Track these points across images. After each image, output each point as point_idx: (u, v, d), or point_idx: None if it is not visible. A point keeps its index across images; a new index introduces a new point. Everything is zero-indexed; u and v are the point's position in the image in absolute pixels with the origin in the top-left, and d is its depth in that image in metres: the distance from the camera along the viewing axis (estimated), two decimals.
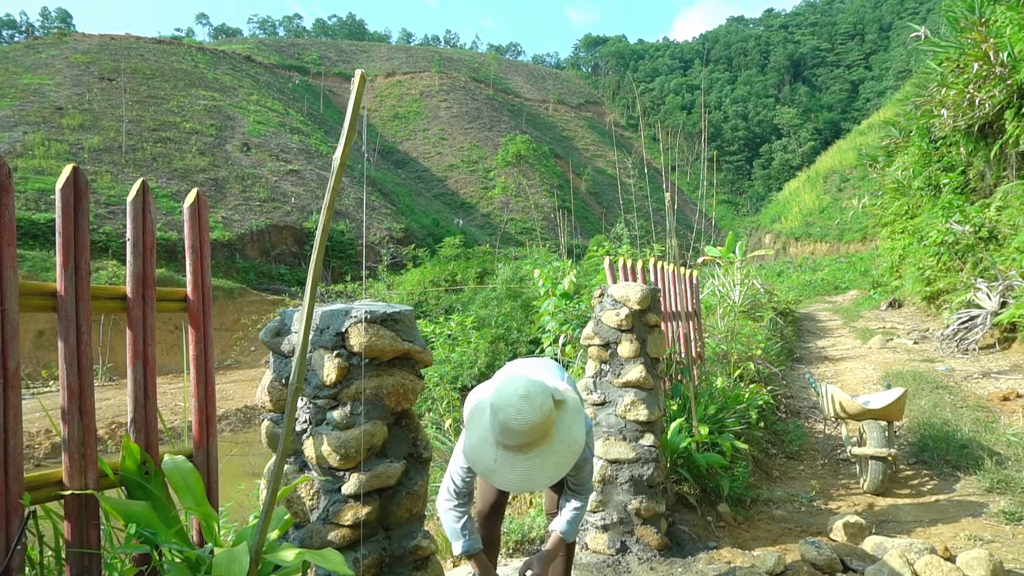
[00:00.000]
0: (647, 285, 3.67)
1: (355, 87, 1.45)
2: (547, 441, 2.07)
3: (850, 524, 3.74)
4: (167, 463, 1.70)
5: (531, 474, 2.04)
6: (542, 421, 2.02)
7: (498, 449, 2.07)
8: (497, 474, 2.07)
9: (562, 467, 2.08)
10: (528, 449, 2.04)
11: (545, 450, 2.06)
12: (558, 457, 2.07)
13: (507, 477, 2.07)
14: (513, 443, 2.03)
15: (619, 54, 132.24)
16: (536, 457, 2.05)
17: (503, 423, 2.01)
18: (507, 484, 2.10)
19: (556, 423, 2.10)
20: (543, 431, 2.04)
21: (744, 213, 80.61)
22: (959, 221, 11.02)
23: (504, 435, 2.03)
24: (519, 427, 1.99)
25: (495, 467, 2.07)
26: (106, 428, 11.60)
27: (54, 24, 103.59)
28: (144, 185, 1.71)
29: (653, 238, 11.65)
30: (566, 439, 2.10)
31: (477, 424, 2.17)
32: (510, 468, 2.05)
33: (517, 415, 2.00)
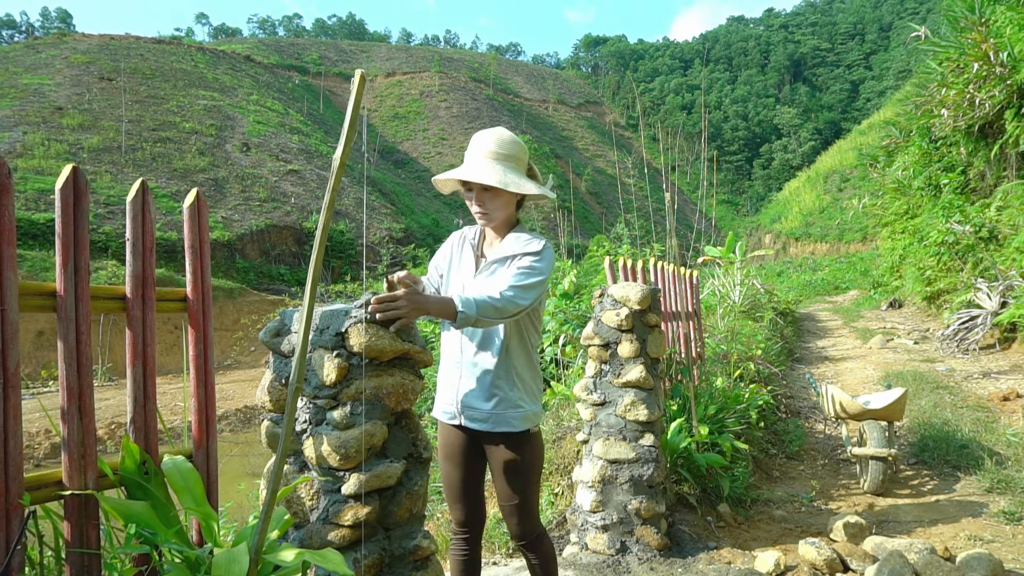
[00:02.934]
0: (647, 285, 3.67)
1: (355, 87, 1.45)
2: (518, 167, 2.23)
3: (850, 524, 3.74)
4: (167, 463, 1.70)
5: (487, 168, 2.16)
6: (511, 142, 2.21)
7: (470, 160, 2.23)
8: (463, 170, 2.20)
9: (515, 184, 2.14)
10: (499, 159, 2.18)
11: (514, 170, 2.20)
12: (515, 177, 2.18)
13: (472, 169, 2.18)
14: (487, 147, 2.19)
15: (619, 54, 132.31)
16: (504, 166, 2.18)
17: (479, 136, 2.25)
18: (461, 171, 2.20)
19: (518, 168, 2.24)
20: (515, 152, 2.21)
21: (744, 213, 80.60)
22: (959, 221, 11.02)
23: (478, 142, 2.23)
24: (490, 135, 2.21)
25: (463, 169, 2.20)
26: (106, 428, 11.60)
27: (54, 24, 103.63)
28: (144, 185, 1.71)
29: (653, 238, 11.65)
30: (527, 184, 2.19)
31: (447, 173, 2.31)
32: (478, 165, 2.18)
33: (495, 129, 2.24)
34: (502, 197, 2.20)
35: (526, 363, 2.26)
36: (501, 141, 2.19)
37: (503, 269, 2.20)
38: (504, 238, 2.27)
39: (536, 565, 2.35)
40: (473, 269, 2.28)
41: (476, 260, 2.31)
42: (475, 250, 2.32)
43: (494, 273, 2.21)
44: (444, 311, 1.96)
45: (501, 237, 2.29)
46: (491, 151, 2.19)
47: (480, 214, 2.23)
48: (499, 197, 2.19)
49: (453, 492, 2.37)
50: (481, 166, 2.17)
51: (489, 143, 2.20)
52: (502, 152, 2.19)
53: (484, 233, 2.36)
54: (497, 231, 2.30)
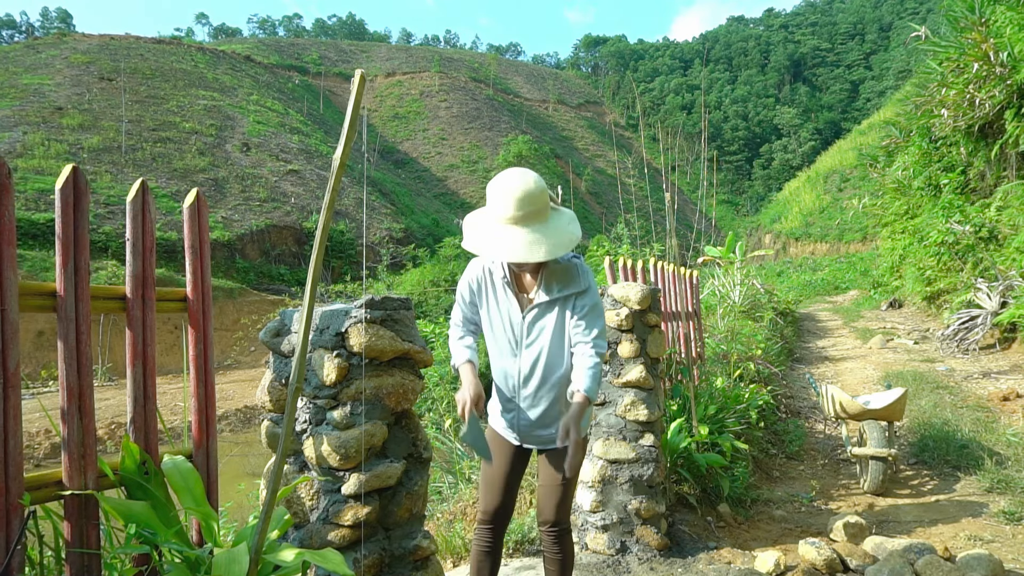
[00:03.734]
0: (647, 285, 3.67)
1: (355, 87, 1.45)
2: (544, 219, 2.11)
3: (850, 524, 3.74)
4: (167, 463, 1.70)
5: (532, 245, 2.06)
6: (538, 193, 2.07)
7: (496, 225, 2.11)
8: (496, 246, 2.08)
9: (561, 247, 2.09)
10: (526, 222, 2.07)
11: (543, 226, 2.10)
12: (558, 237, 2.10)
13: (506, 245, 2.07)
14: (511, 213, 2.07)
15: (619, 54, 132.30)
16: (535, 231, 2.08)
17: (505, 187, 2.07)
18: (507, 250, 2.07)
19: (552, 211, 2.16)
20: (540, 205, 2.09)
21: (744, 213, 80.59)
22: (959, 221, 11.02)
23: (504, 203, 2.07)
24: (517, 193, 2.05)
25: (492, 241, 2.10)
26: (106, 428, 11.60)
27: (54, 24, 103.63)
28: (144, 185, 1.71)
29: (653, 238, 11.65)
30: (565, 228, 2.14)
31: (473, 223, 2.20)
32: (510, 239, 2.07)
33: (518, 179, 2.08)
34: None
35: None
36: (529, 196, 2.07)
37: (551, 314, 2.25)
38: (539, 272, 2.27)
39: (559, 559, 2.35)
40: (519, 309, 2.29)
41: (519, 298, 2.30)
42: (512, 287, 2.29)
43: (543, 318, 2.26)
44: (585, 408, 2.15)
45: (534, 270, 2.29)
46: (524, 214, 2.07)
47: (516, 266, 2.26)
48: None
49: (493, 483, 2.38)
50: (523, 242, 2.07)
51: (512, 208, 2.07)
52: (534, 208, 2.08)
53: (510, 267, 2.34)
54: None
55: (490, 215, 2.14)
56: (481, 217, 2.20)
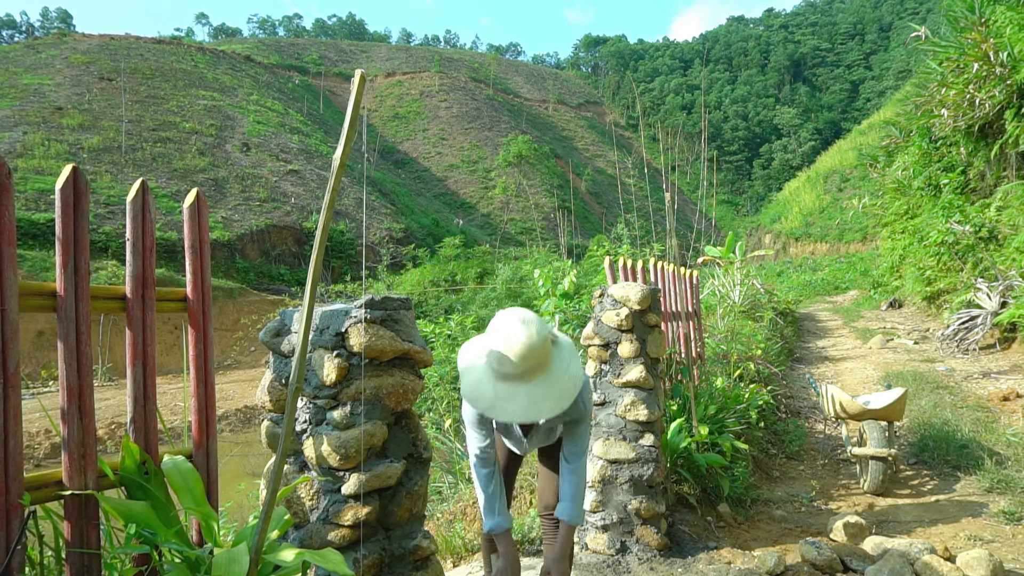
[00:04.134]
0: (647, 285, 3.66)
1: (355, 87, 1.45)
2: (546, 370, 2.05)
3: (850, 524, 3.74)
4: (167, 463, 1.70)
5: (535, 404, 2.02)
6: (540, 345, 2.00)
7: (497, 383, 2.04)
8: (498, 407, 2.04)
9: (564, 399, 2.06)
10: (528, 377, 2.02)
11: (546, 379, 2.04)
12: (560, 389, 2.05)
13: (508, 408, 2.03)
14: (512, 371, 2.00)
15: (619, 54, 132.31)
16: (538, 388, 2.02)
17: (503, 348, 1.99)
18: (509, 414, 2.05)
19: (553, 355, 2.10)
20: (541, 357, 2.02)
21: (744, 213, 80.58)
22: (959, 221, 11.02)
23: (502, 363, 2.00)
24: (518, 350, 1.97)
25: (496, 401, 2.04)
26: (106, 428, 11.60)
27: (54, 24, 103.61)
28: (144, 185, 1.71)
29: (653, 238, 11.65)
30: (566, 371, 2.09)
31: (472, 364, 2.14)
32: (512, 398, 2.03)
33: (516, 336, 1.99)
34: None
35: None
36: (531, 352, 1.99)
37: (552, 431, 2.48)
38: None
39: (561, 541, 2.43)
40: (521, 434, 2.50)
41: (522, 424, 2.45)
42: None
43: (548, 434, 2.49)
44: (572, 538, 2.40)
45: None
46: (525, 370, 2.02)
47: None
48: None
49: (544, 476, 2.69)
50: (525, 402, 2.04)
51: (511, 367, 2.00)
52: (535, 363, 2.02)
53: None
54: None
55: (489, 364, 2.07)
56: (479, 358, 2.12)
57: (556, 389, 2.05)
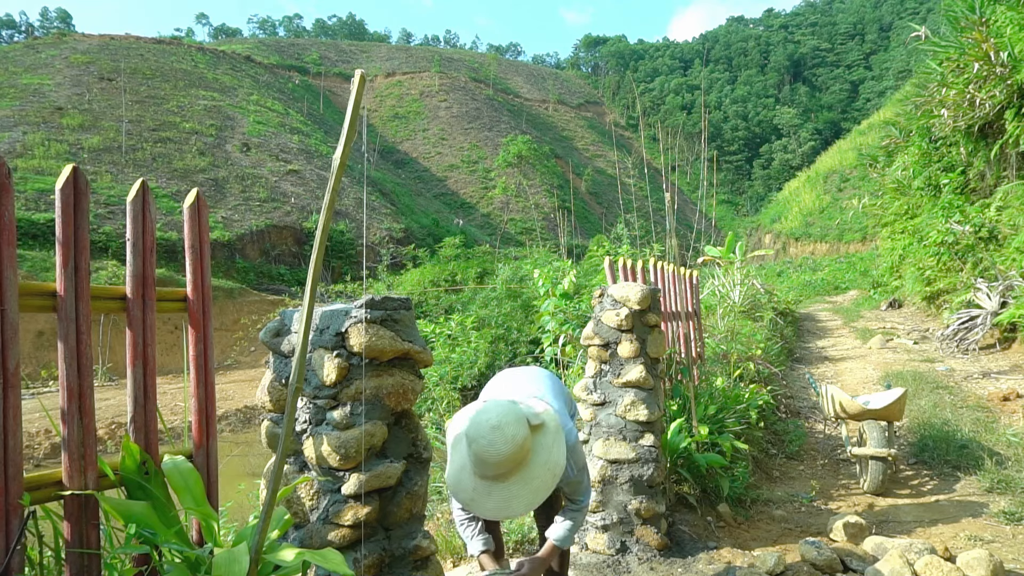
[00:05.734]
0: (647, 285, 3.67)
1: (355, 87, 1.45)
2: (523, 468, 2.07)
3: (850, 524, 3.74)
4: (167, 463, 1.70)
5: (508, 503, 2.05)
6: (514, 452, 2.02)
7: (475, 478, 2.09)
8: (476, 503, 2.09)
9: (541, 492, 2.08)
10: (503, 479, 2.05)
11: (523, 476, 2.06)
12: (536, 483, 2.07)
13: (485, 506, 2.08)
14: (488, 473, 2.04)
15: (619, 54, 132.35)
16: (513, 485, 2.05)
17: (476, 455, 2.03)
18: (485, 512, 2.11)
19: (533, 449, 2.10)
20: (517, 460, 2.05)
21: (744, 213, 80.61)
22: (959, 221, 11.01)
23: (478, 466, 2.05)
24: (491, 459, 2.01)
25: (473, 496, 2.09)
26: (106, 428, 11.59)
27: (54, 24, 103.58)
28: (144, 185, 1.71)
29: (653, 238, 11.66)
30: (546, 463, 2.09)
31: (456, 453, 2.20)
32: (487, 497, 2.07)
33: (488, 447, 2.01)
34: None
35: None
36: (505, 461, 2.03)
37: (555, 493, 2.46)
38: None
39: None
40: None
41: None
42: None
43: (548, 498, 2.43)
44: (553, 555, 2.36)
45: None
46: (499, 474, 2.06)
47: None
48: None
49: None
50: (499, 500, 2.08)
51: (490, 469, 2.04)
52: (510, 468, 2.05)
53: None
54: None
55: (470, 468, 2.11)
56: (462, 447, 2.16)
57: (533, 484, 2.07)
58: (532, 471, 2.08)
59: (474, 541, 2.40)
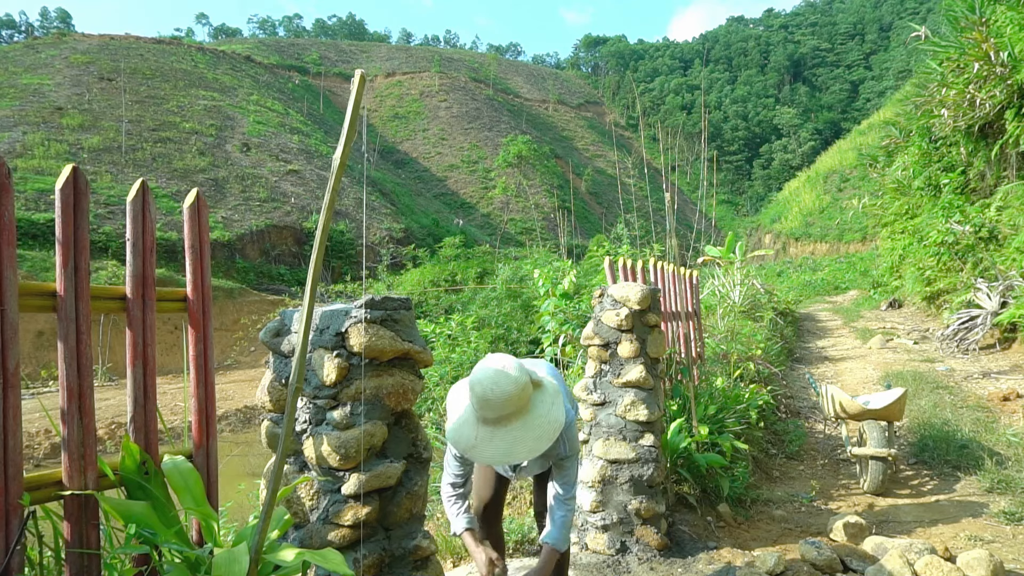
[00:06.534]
0: (647, 285, 3.66)
1: (355, 87, 1.45)
2: (524, 414, 2.12)
3: (850, 524, 3.74)
4: (167, 463, 1.70)
5: (511, 447, 2.10)
6: (517, 393, 2.08)
7: (478, 425, 2.13)
8: (478, 449, 2.13)
9: (542, 441, 2.12)
10: (506, 422, 2.10)
11: (524, 423, 2.11)
12: (537, 431, 2.12)
13: (487, 452, 2.12)
14: (491, 415, 2.09)
15: (619, 54, 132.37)
16: (516, 430, 2.10)
17: (480, 395, 2.08)
18: (487, 457, 2.14)
19: (533, 400, 2.17)
20: (519, 404, 2.10)
21: (744, 213, 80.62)
22: (959, 221, 11.01)
23: (482, 407, 2.09)
24: (495, 396, 2.06)
25: (476, 443, 2.13)
26: (106, 428, 11.59)
27: (54, 24, 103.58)
28: (144, 185, 1.71)
29: (653, 238, 11.66)
30: (546, 416, 2.15)
31: (457, 405, 2.26)
32: (489, 442, 2.11)
33: (493, 386, 2.07)
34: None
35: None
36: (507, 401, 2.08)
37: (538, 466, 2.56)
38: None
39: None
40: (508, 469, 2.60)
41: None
42: None
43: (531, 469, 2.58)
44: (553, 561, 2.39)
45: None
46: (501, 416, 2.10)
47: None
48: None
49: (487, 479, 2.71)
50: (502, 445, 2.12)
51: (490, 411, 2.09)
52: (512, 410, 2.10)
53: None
54: None
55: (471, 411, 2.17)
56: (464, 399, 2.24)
57: (534, 432, 2.11)
58: (533, 420, 2.13)
59: (459, 519, 2.41)
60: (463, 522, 2.40)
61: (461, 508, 2.44)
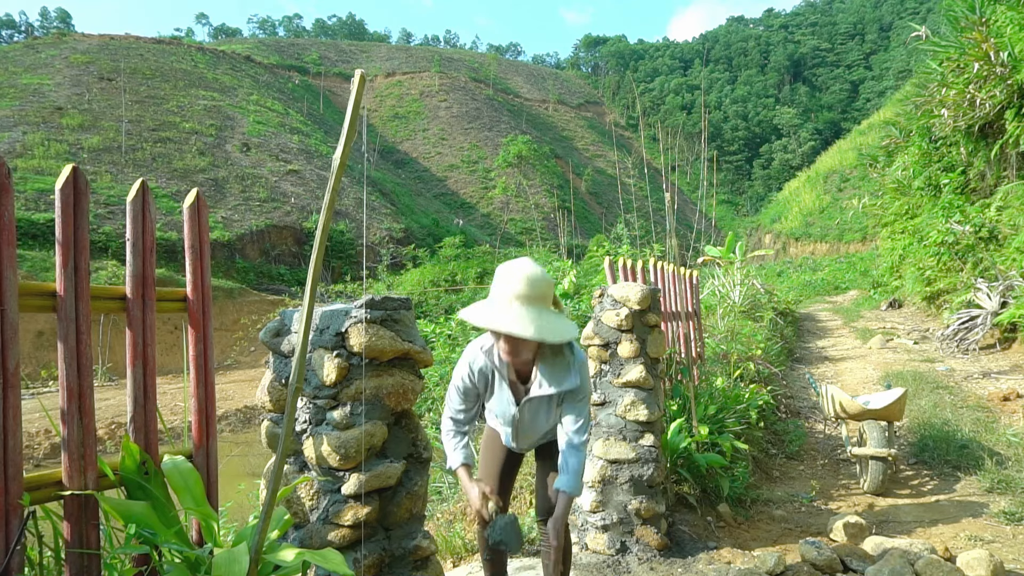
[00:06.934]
0: (647, 285, 3.66)
1: (355, 87, 1.45)
2: (543, 305, 2.19)
3: (850, 524, 3.74)
4: (167, 463, 1.70)
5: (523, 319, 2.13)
6: (543, 278, 2.18)
7: (497, 303, 2.19)
8: (490, 316, 2.16)
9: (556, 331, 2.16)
10: (526, 302, 2.14)
11: (541, 310, 2.17)
12: (552, 321, 2.18)
13: (498, 319, 2.14)
14: (514, 289, 2.15)
15: (619, 54, 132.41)
16: (533, 311, 2.15)
17: (506, 275, 2.18)
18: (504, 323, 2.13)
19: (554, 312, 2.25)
20: (546, 291, 2.19)
21: (744, 213, 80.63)
22: (959, 221, 11.01)
23: (510, 284, 2.16)
24: (526, 273, 2.16)
25: (490, 313, 2.18)
26: (106, 428, 11.59)
27: (53, 24, 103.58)
28: (144, 185, 1.71)
29: (653, 238, 11.66)
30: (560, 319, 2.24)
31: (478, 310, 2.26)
32: (504, 313, 2.15)
33: (521, 267, 2.19)
34: (532, 343, 2.26)
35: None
36: (531, 282, 2.16)
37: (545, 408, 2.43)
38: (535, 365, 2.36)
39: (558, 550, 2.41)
40: (513, 400, 2.44)
41: (512, 388, 2.43)
42: (506, 378, 2.41)
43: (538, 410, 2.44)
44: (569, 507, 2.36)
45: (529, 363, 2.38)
46: (522, 294, 2.15)
47: (507, 352, 2.28)
48: (529, 342, 2.25)
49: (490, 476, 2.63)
50: (515, 316, 2.13)
51: (519, 285, 2.16)
52: (534, 294, 2.15)
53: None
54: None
55: (493, 295, 2.22)
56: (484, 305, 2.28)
57: (549, 319, 2.17)
58: (549, 313, 2.19)
59: (456, 453, 2.38)
60: (460, 456, 2.38)
61: (460, 443, 2.41)
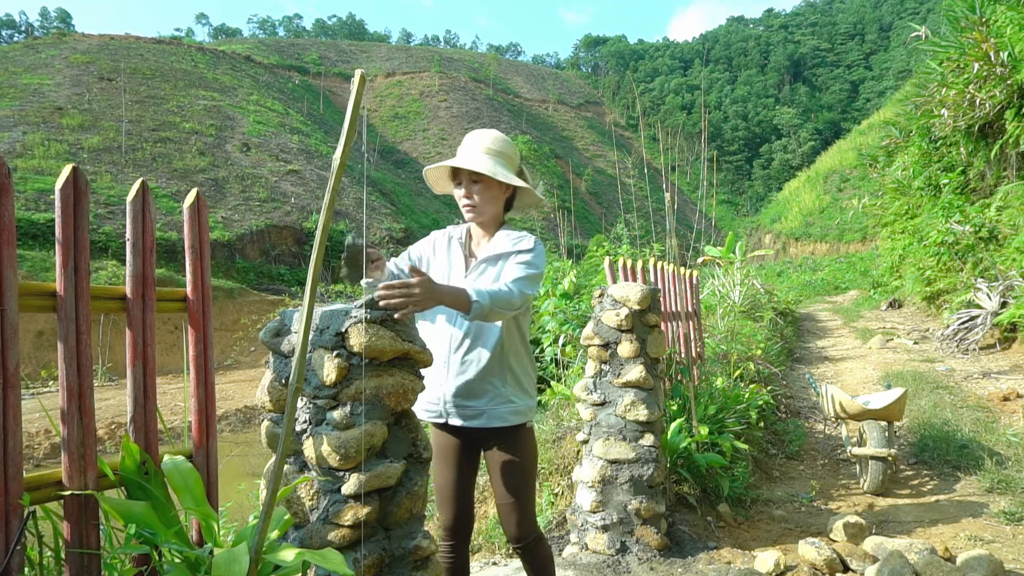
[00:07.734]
0: (647, 285, 3.66)
1: (355, 87, 1.45)
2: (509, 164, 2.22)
3: (850, 524, 3.74)
4: (167, 463, 1.70)
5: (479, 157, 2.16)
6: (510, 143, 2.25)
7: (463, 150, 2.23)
8: (456, 160, 2.19)
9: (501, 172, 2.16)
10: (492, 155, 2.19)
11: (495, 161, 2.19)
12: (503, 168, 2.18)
13: (465, 158, 2.18)
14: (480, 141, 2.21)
15: (619, 54, 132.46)
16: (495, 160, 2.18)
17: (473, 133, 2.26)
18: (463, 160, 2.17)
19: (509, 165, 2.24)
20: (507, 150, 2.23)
21: (744, 213, 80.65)
22: (959, 221, 11.02)
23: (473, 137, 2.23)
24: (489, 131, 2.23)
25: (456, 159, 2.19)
26: (106, 428, 11.60)
27: (53, 24, 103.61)
28: (144, 185, 1.71)
29: (653, 238, 11.66)
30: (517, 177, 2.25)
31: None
32: (472, 155, 2.19)
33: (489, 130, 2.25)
34: (491, 190, 2.21)
35: (517, 357, 2.27)
36: (494, 138, 2.23)
37: (493, 268, 2.20)
38: (493, 237, 2.28)
39: (532, 569, 2.32)
40: (463, 268, 2.27)
41: (465, 259, 2.30)
42: (464, 249, 2.31)
43: (484, 272, 2.21)
44: (458, 302, 1.93)
45: (489, 236, 2.29)
46: (483, 146, 2.21)
47: (468, 207, 2.22)
48: (488, 190, 2.20)
49: (443, 493, 2.36)
50: (472, 156, 2.19)
51: (482, 139, 2.23)
52: (494, 148, 2.21)
53: (471, 233, 2.36)
54: (485, 229, 2.30)
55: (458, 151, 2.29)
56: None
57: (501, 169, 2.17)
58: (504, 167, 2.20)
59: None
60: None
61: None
